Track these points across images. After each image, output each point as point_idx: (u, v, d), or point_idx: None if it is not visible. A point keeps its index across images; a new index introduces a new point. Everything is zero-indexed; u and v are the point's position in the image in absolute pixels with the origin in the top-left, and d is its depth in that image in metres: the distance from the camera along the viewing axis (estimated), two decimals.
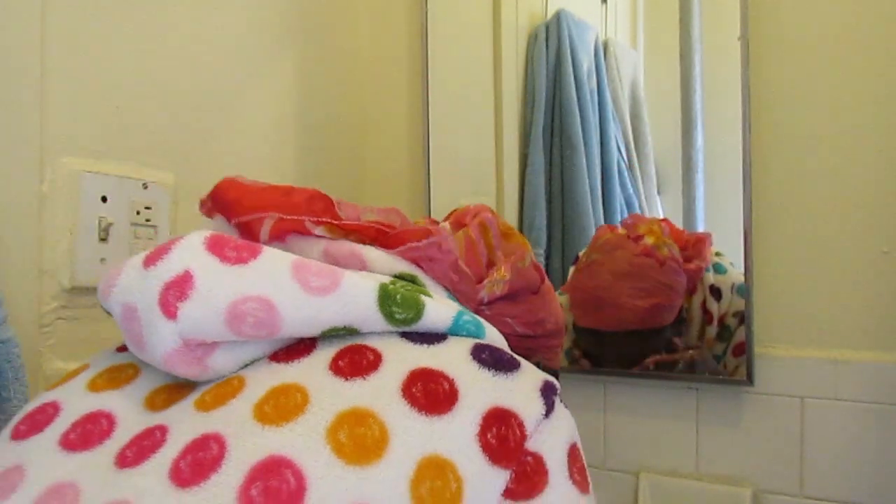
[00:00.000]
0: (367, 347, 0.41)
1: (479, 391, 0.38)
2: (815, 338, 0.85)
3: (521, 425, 0.37)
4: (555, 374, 0.62)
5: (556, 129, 1.04)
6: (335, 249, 0.47)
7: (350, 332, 0.41)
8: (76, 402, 0.43)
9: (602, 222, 1.01)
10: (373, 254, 0.47)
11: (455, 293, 0.50)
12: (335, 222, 0.47)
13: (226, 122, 0.93)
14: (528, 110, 1.06)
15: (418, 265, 0.48)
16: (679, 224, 0.95)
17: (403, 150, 1.17)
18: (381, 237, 0.49)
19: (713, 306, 0.91)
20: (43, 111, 0.70)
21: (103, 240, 0.75)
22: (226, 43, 0.93)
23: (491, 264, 0.55)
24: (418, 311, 0.42)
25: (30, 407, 0.44)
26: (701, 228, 0.94)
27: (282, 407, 0.37)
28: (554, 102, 1.04)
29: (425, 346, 0.41)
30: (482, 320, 0.44)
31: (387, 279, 0.44)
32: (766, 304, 0.87)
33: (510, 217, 1.05)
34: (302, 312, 0.40)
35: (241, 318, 0.39)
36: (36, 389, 0.69)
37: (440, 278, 0.49)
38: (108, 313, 0.44)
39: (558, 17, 1.04)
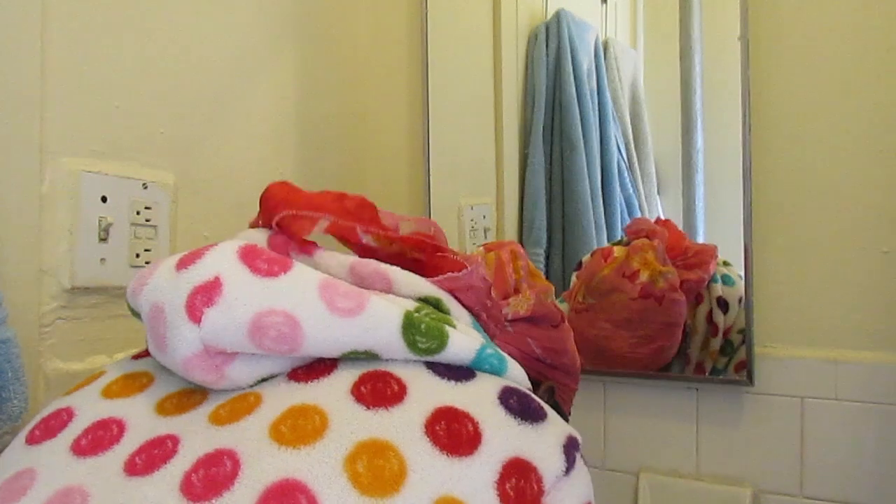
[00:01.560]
0: (391, 376, 0.40)
1: (503, 438, 0.37)
2: (815, 338, 0.85)
3: (539, 481, 0.36)
4: (565, 417, 0.63)
5: (556, 129, 1.04)
6: (361, 268, 0.46)
7: (371, 356, 0.41)
8: (89, 408, 0.43)
9: (602, 222, 1.01)
10: (398, 275, 0.46)
11: (484, 318, 0.50)
12: (381, 232, 0.47)
13: (226, 122, 0.93)
14: (528, 110, 1.06)
15: (452, 293, 0.48)
16: (679, 224, 0.95)
17: (403, 150, 1.17)
18: (422, 248, 0.49)
19: (719, 318, 0.90)
20: (43, 111, 0.70)
21: (103, 240, 0.75)
22: (226, 43, 0.93)
23: (517, 291, 0.56)
24: (442, 341, 0.41)
25: (45, 412, 0.44)
26: (701, 228, 0.94)
27: (299, 428, 0.36)
28: (554, 102, 1.04)
29: (452, 382, 0.40)
30: (505, 355, 0.44)
31: (412, 304, 0.44)
32: (766, 304, 0.87)
33: (510, 217, 1.05)
34: (325, 332, 0.40)
35: (263, 330, 0.39)
36: (36, 389, 0.69)
37: (473, 304, 0.49)
38: (134, 313, 0.45)
39: (558, 17, 1.04)
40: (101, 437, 0.40)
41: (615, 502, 0.95)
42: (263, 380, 0.42)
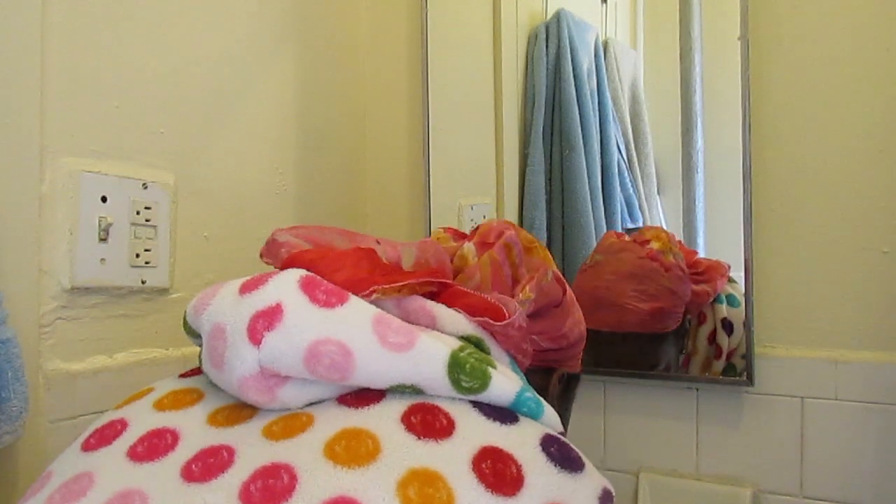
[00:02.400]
0: (439, 410, 0.42)
1: (545, 484, 0.39)
2: (815, 338, 0.85)
3: None
4: (577, 377, 0.64)
5: (556, 129, 1.04)
6: (407, 304, 0.48)
7: (416, 391, 0.43)
8: (143, 419, 0.45)
9: (602, 222, 1.01)
10: (442, 312, 0.48)
11: (520, 359, 0.52)
12: (386, 286, 0.48)
13: (226, 122, 0.93)
14: (527, 110, 1.06)
15: (492, 335, 0.49)
16: (679, 224, 0.95)
17: (403, 150, 1.17)
18: (432, 285, 0.50)
19: (724, 341, 0.90)
20: (43, 111, 0.70)
21: (103, 240, 0.75)
22: (226, 43, 0.93)
23: (516, 281, 0.56)
24: (484, 382, 0.42)
25: (98, 423, 0.47)
26: (701, 228, 0.94)
27: (353, 450, 0.38)
28: (554, 102, 1.04)
29: (498, 423, 0.42)
30: (542, 400, 0.45)
31: (456, 343, 0.45)
32: (766, 305, 0.87)
33: (510, 217, 1.05)
34: (375, 364, 0.42)
35: (318, 357, 0.41)
36: (36, 389, 0.69)
37: (510, 348, 0.50)
38: (189, 332, 0.47)
39: (558, 16, 1.04)
40: (156, 444, 0.42)
41: (615, 502, 0.95)
42: (311, 403, 0.43)
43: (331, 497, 0.35)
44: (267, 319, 0.42)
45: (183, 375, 0.51)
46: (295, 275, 0.44)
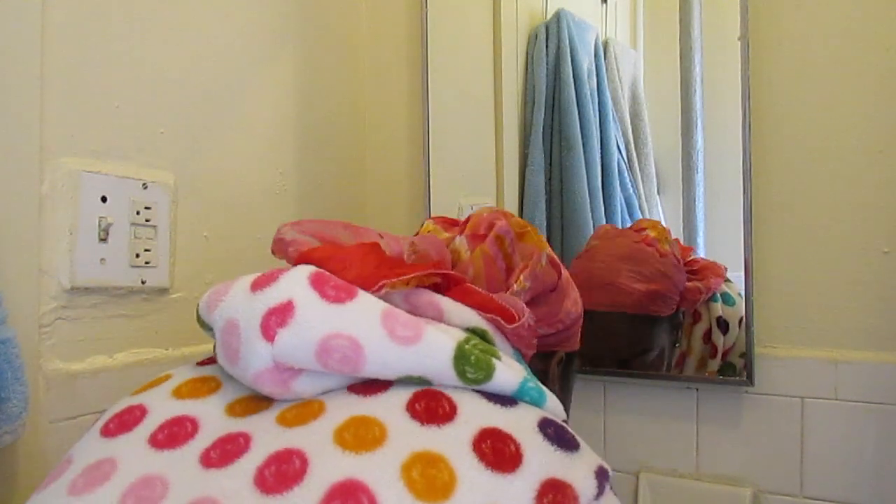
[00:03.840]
0: (443, 396, 0.43)
1: (542, 460, 0.40)
2: (815, 338, 0.85)
3: (576, 498, 0.39)
4: (575, 354, 0.66)
5: (556, 129, 1.04)
6: (415, 297, 0.50)
7: (423, 382, 0.44)
8: (162, 406, 0.47)
9: (602, 222, 1.01)
10: (450, 305, 0.49)
11: (524, 352, 0.53)
12: (394, 280, 0.49)
13: (226, 122, 0.93)
14: (527, 110, 1.06)
15: (499, 330, 0.50)
16: (679, 224, 0.95)
17: (403, 150, 1.17)
18: (438, 277, 0.51)
19: (719, 340, 0.90)
20: (43, 111, 0.70)
21: (103, 240, 0.75)
22: (226, 43, 0.93)
23: (510, 271, 0.57)
24: (489, 373, 0.44)
25: (117, 408, 0.48)
26: (701, 228, 0.94)
27: (361, 437, 0.40)
28: (554, 102, 1.04)
29: (498, 406, 0.43)
30: (545, 389, 0.47)
31: (462, 335, 0.47)
32: (766, 305, 0.87)
33: None
34: (384, 357, 0.43)
35: (329, 352, 0.43)
36: (36, 389, 0.69)
37: (518, 345, 0.52)
38: (202, 325, 0.48)
39: (558, 17, 1.04)
40: (176, 432, 0.44)
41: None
42: (323, 392, 0.45)
43: (339, 480, 0.37)
44: (279, 316, 0.43)
45: (201, 364, 0.52)
46: (305, 271, 0.46)
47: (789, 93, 0.87)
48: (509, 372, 0.45)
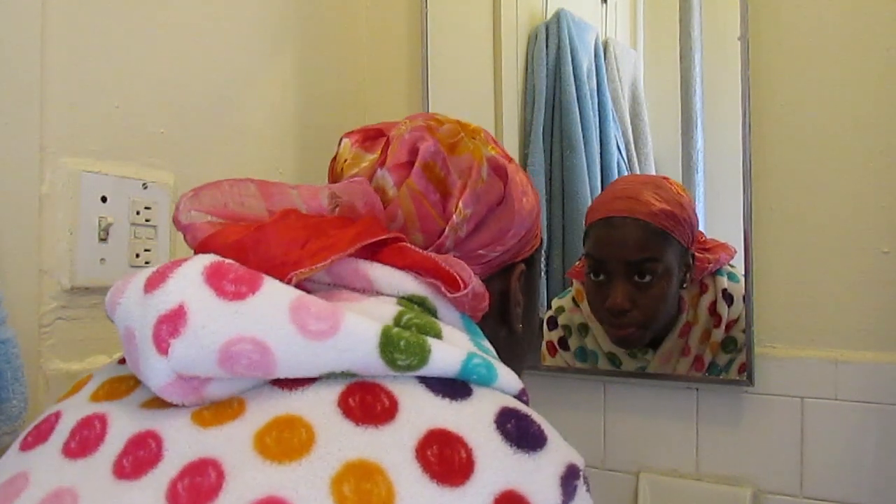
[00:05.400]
0: (381, 388, 0.39)
1: (497, 468, 0.36)
2: (815, 338, 0.85)
3: None
4: (534, 259, 0.59)
5: (556, 129, 1.04)
6: (338, 268, 0.44)
7: (350, 375, 0.39)
8: (76, 412, 0.42)
9: None
10: (379, 272, 0.44)
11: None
12: (309, 268, 0.43)
13: (226, 122, 0.93)
14: (527, 110, 1.06)
15: (443, 296, 0.45)
16: None
17: None
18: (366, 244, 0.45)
19: (723, 309, 0.90)
20: (43, 111, 0.70)
21: (103, 240, 0.75)
22: (226, 42, 0.93)
23: (447, 196, 0.50)
24: (423, 357, 0.39)
25: (37, 420, 0.44)
26: (701, 228, 0.94)
27: (285, 442, 0.36)
28: (554, 102, 1.04)
29: (447, 400, 0.39)
30: (493, 363, 0.42)
31: (393, 309, 0.42)
32: (766, 304, 0.87)
33: None
34: (298, 357, 0.38)
35: (234, 358, 0.37)
36: (36, 389, 0.69)
37: (463, 309, 0.47)
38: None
39: (558, 17, 1.04)
40: (87, 436, 0.40)
41: (615, 502, 0.95)
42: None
43: (258, 497, 0.33)
44: (170, 324, 0.37)
45: (122, 361, 0.46)
46: (198, 265, 0.40)
47: (789, 93, 0.87)
48: (448, 351, 0.40)
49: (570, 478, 0.37)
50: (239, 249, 0.43)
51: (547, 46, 1.05)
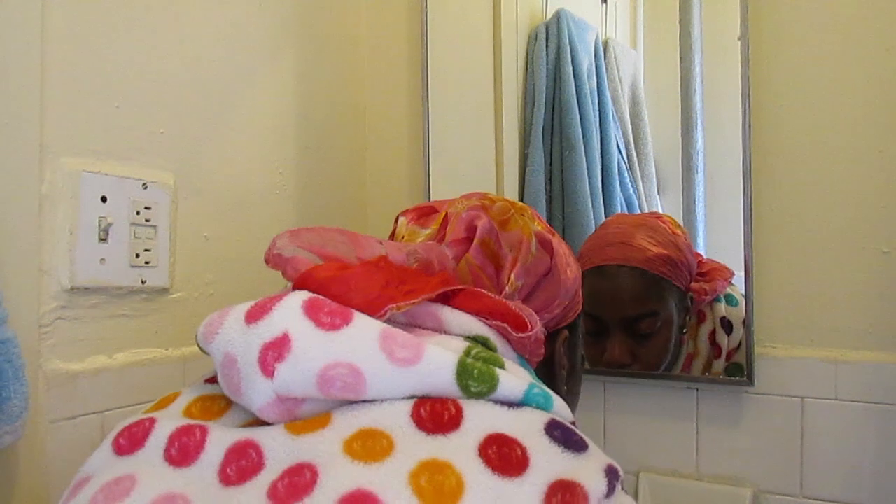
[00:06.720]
0: (448, 400, 0.43)
1: (549, 462, 0.40)
2: (815, 338, 0.85)
3: (585, 497, 0.39)
4: (576, 324, 0.64)
5: (556, 129, 1.04)
6: (417, 309, 0.49)
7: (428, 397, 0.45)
8: (171, 422, 0.46)
9: (602, 222, 1.01)
10: (448, 315, 0.49)
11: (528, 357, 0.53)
12: (402, 304, 0.48)
13: (226, 122, 0.93)
14: (527, 110, 1.06)
15: (502, 336, 0.50)
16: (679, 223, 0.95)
17: (403, 150, 1.17)
18: (446, 288, 0.51)
19: (723, 340, 0.90)
20: (43, 111, 0.70)
21: (103, 240, 0.75)
22: (226, 43, 0.93)
23: (499, 268, 0.56)
24: (493, 385, 0.44)
25: (126, 422, 0.47)
26: (701, 228, 0.94)
27: (369, 448, 0.40)
28: (554, 102, 1.04)
29: (505, 408, 0.43)
30: (551, 393, 0.46)
31: (462, 345, 0.47)
32: (766, 304, 0.87)
33: None
34: (386, 381, 0.43)
35: (330, 382, 0.43)
36: (36, 389, 0.69)
37: (522, 351, 0.52)
38: (204, 352, 0.48)
39: (558, 17, 1.04)
40: (185, 443, 0.44)
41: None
42: None
43: (349, 490, 0.38)
44: (276, 350, 0.43)
45: (209, 381, 0.51)
46: (297, 300, 0.45)
47: (789, 93, 0.87)
48: (514, 380, 0.45)
49: (612, 475, 0.41)
50: (342, 282, 0.48)
51: (547, 46, 1.05)
